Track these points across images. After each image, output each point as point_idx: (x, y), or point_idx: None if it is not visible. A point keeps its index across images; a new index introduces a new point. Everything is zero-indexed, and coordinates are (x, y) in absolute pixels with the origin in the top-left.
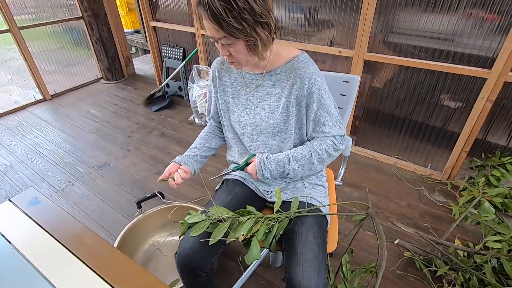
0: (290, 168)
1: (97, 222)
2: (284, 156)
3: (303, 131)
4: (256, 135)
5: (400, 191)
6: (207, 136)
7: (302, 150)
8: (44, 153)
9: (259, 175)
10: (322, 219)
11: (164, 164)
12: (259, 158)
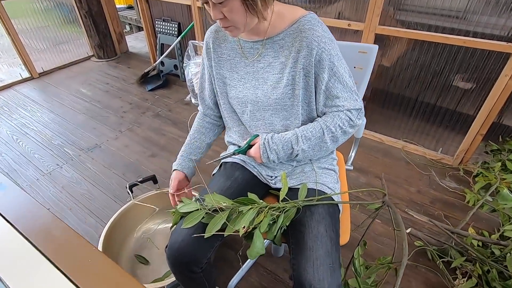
0: (299, 149)
1: (86, 207)
2: (291, 135)
3: (312, 107)
4: (258, 113)
5: (409, 176)
6: (201, 133)
7: (312, 128)
8: (30, 134)
9: (263, 158)
10: (334, 209)
11: (159, 147)
12: (263, 139)
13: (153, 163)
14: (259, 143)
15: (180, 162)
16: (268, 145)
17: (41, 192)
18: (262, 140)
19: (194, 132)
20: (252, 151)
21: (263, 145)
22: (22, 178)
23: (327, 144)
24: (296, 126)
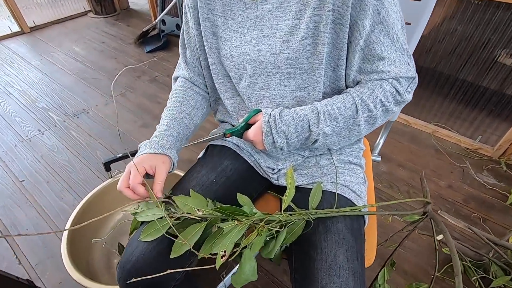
0: (320, 132)
1: (65, 181)
2: (310, 111)
3: (340, 72)
4: (260, 79)
5: (439, 167)
6: (190, 106)
7: (340, 103)
8: (14, 95)
9: (266, 143)
10: (359, 223)
11: (152, 116)
12: (267, 116)
13: (144, 135)
14: (260, 122)
15: (166, 143)
16: (274, 124)
17: (17, 161)
18: (265, 117)
19: (181, 105)
20: (250, 132)
21: (267, 125)
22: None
23: (359, 128)
24: (314, 100)
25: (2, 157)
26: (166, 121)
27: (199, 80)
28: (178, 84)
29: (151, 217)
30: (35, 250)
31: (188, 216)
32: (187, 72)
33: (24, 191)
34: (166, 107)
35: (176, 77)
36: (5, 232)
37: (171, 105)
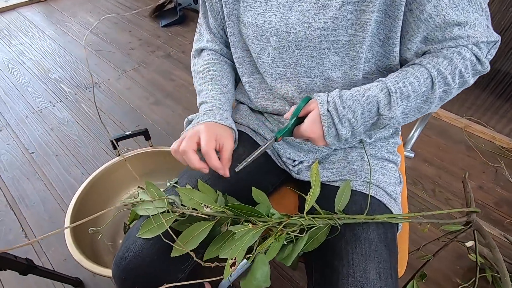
0: (393, 116)
1: (73, 155)
2: (378, 90)
3: (391, 47)
4: (287, 53)
5: (470, 166)
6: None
7: (412, 76)
8: (28, 64)
9: (328, 137)
10: (393, 231)
11: (164, 93)
12: (325, 103)
13: (156, 112)
14: (316, 113)
15: (229, 117)
16: (336, 113)
17: (28, 132)
18: (323, 105)
19: (222, 79)
20: (306, 129)
21: (327, 115)
22: (10, 113)
23: (430, 106)
24: (351, 81)
25: (13, 127)
26: (216, 95)
27: (229, 52)
28: (207, 58)
29: (153, 211)
30: (41, 224)
31: (194, 213)
32: (214, 43)
33: (33, 163)
34: (205, 81)
35: (201, 49)
36: (13, 204)
37: (211, 79)
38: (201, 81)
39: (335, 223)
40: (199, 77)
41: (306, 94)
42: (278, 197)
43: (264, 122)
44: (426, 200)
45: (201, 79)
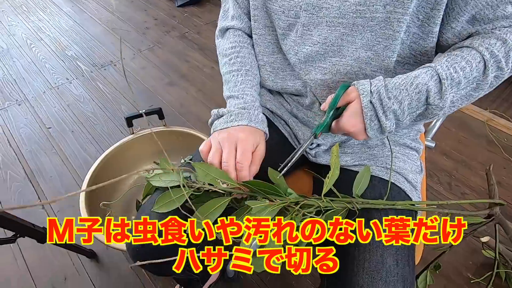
0: (444, 106)
1: (88, 132)
2: (428, 77)
3: (430, 28)
4: (316, 30)
5: (490, 161)
6: (256, 67)
7: (464, 60)
8: (45, 40)
9: (370, 130)
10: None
11: (179, 74)
12: (368, 94)
13: (170, 93)
14: (358, 104)
15: (263, 118)
16: (380, 104)
17: (45, 107)
18: (366, 97)
19: (251, 67)
20: (346, 122)
21: (369, 107)
22: (28, 89)
23: (479, 93)
24: (383, 63)
25: (31, 102)
26: (248, 90)
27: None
28: (234, 39)
29: (168, 183)
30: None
31: (210, 188)
32: (240, 20)
33: (50, 138)
34: (234, 70)
35: (225, 28)
36: (31, 177)
37: (240, 68)
38: (229, 68)
39: (353, 207)
40: (225, 61)
41: (330, 76)
42: (293, 180)
43: (282, 103)
44: (441, 193)
45: (228, 65)
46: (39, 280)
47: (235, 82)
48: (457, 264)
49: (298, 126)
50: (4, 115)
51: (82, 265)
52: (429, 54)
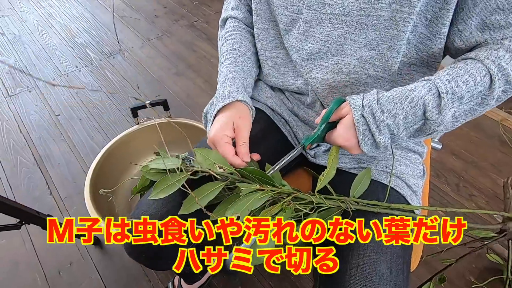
0: (443, 122)
1: (96, 120)
2: (425, 91)
3: (438, 29)
4: (319, 27)
5: (502, 162)
6: (252, 52)
7: (467, 73)
8: (56, 27)
9: (364, 145)
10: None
11: (186, 64)
12: (359, 108)
13: (177, 84)
14: (350, 119)
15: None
16: (373, 119)
17: (55, 95)
18: (357, 111)
19: (240, 47)
20: (339, 136)
21: (361, 121)
22: (39, 75)
23: (487, 107)
24: (387, 64)
25: (41, 89)
26: (226, 66)
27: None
28: (230, 25)
29: (167, 166)
30: (65, 184)
31: (207, 172)
32: (239, 10)
33: (59, 125)
34: (223, 52)
35: (226, 18)
36: (40, 163)
37: (228, 48)
38: (220, 51)
39: (347, 207)
40: (222, 49)
41: (332, 75)
42: (292, 179)
43: (283, 101)
44: (448, 194)
45: (220, 49)
46: (46, 265)
47: (221, 64)
48: (459, 267)
49: (298, 125)
50: (15, 102)
51: (87, 251)
52: (436, 55)
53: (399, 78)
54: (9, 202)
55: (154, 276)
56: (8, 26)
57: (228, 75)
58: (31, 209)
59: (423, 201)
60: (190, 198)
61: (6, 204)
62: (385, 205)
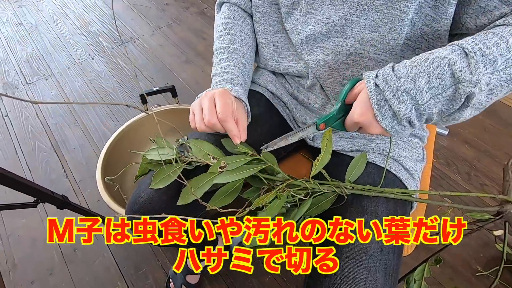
0: (479, 81)
1: (108, 107)
2: (447, 52)
3: (444, 9)
4: (320, 9)
5: None
6: (249, 47)
7: (496, 35)
8: (70, 16)
9: (382, 119)
10: (404, 208)
11: (195, 52)
12: (372, 77)
13: (186, 71)
14: (364, 92)
15: (240, 92)
16: (386, 85)
17: (69, 82)
18: (369, 80)
19: (241, 46)
20: (354, 112)
21: (375, 91)
22: (55, 64)
23: None
24: (388, 45)
25: (57, 77)
26: (230, 68)
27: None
28: (227, 15)
29: (162, 157)
30: (79, 168)
31: (201, 162)
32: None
33: (74, 112)
34: (221, 47)
35: (222, 2)
36: (56, 148)
37: (229, 46)
38: (218, 45)
39: (342, 192)
40: (216, 37)
41: (333, 57)
42: (291, 163)
43: (283, 84)
44: (458, 183)
45: (218, 42)
46: (62, 243)
47: (219, 60)
48: (466, 256)
49: (297, 108)
50: (33, 89)
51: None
52: (442, 38)
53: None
54: (26, 181)
55: (163, 256)
56: (25, 16)
57: (234, 80)
58: (46, 189)
59: (422, 186)
60: (186, 190)
61: (23, 183)
62: (378, 189)
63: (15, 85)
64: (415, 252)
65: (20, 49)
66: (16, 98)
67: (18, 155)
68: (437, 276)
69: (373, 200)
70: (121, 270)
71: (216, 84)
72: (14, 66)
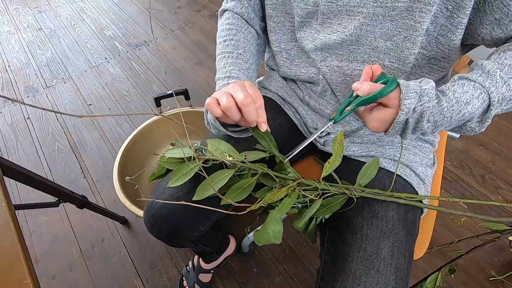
0: (481, 130)
1: (123, 109)
2: (478, 103)
3: (460, 19)
4: (336, 19)
5: None
6: (252, 54)
7: None
8: (87, 21)
9: (389, 135)
10: (415, 213)
11: (207, 55)
12: (408, 111)
13: (198, 74)
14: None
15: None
16: (415, 122)
17: (87, 85)
18: (403, 114)
19: (244, 51)
20: (372, 119)
21: (402, 125)
22: (72, 67)
23: None
24: (402, 54)
25: (75, 80)
26: (235, 73)
27: (255, 19)
28: (230, 21)
29: (180, 155)
30: (96, 169)
31: (217, 160)
32: (240, 4)
33: (91, 114)
34: (225, 52)
35: (224, 9)
36: (74, 149)
37: (233, 51)
38: (221, 50)
39: (352, 195)
40: (219, 42)
41: (347, 63)
42: (303, 166)
43: (294, 90)
44: (472, 186)
45: (221, 47)
46: (81, 240)
47: (224, 64)
48: (480, 261)
49: (308, 114)
50: (52, 92)
51: (116, 230)
52: (457, 48)
53: (416, 70)
54: (49, 182)
55: (176, 255)
56: (45, 21)
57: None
58: (67, 189)
59: (433, 191)
60: (203, 185)
61: (46, 184)
62: (388, 193)
63: (36, 88)
64: (428, 255)
65: (40, 53)
66: (41, 108)
67: (40, 156)
68: (450, 280)
69: (384, 204)
70: (136, 268)
71: (221, 88)
72: (34, 70)
